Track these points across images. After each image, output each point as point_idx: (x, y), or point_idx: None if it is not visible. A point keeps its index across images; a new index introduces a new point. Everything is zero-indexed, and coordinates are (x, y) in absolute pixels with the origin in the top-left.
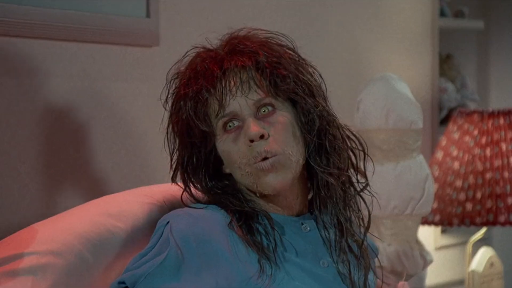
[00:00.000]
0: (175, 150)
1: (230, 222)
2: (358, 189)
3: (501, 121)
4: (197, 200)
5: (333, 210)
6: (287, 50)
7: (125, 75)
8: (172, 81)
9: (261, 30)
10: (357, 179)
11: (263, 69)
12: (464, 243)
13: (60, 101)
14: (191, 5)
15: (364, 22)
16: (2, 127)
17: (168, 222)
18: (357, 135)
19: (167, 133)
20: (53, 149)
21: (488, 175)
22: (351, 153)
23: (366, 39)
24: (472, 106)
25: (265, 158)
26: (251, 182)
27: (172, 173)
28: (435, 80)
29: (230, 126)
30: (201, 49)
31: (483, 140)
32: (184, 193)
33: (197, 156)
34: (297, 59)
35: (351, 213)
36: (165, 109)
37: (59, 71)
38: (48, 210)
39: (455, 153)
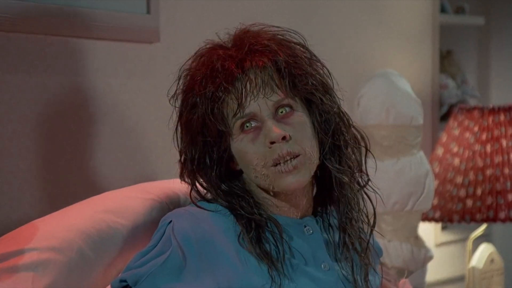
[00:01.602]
0: (183, 148)
1: (240, 236)
2: (362, 184)
3: (502, 117)
4: (205, 199)
5: (345, 208)
6: (300, 48)
7: (126, 71)
8: (181, 78)
9: (272, 26)
10: (360, 175)
11: (283, 70)
12: (464, 240)
13: (61, 98)
14: (192, 1)
15: (365, 18)
16: (3, 124)
17: (170, 221)
18: (360, 130)
19: (176, 129)
20: (54, 146)
21: (488, 172)
22: (356, 150)
23: (367, 35)
24: (472, 102)
25: (286, 160)
26: (266, 183)
27: (180, 171)
28: (436, 76)
29: (247, 126)
30: (213, 45)
31: (484, 136)
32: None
33: (210, 155)
34: (309, 56)
35: (358, 210)
36: (173, 105)
37: (59, 67)
38: (48, 207)
39: (455, 149)
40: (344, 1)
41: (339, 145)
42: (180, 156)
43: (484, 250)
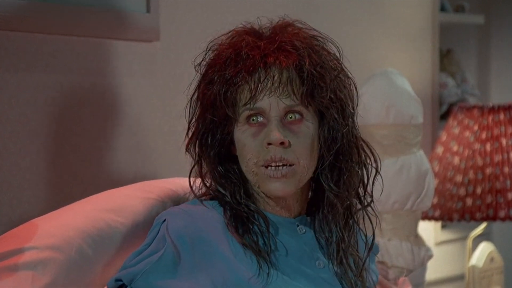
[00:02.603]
0: (194, 119)
1: (227, 224)
2: (364, 203)
3: (501, 116)
4: (204, 184)
5: (333, 227)
6: (332, 58)
7: (125, 70)
8: (209, 50)
9: (314, 29)
10: (364, 195)
11: (305, 76)
12: (464, 238)
13: (60, 96)
14: (191, 0)
15: (365, 17)
16: (2, 123)
17: (164, 220)
18: (374, 152)
19: (191, 98)
20: (53, 145)
21: (488, 170)
22: (363, 169)
23: (367, 34)
24: (472, 101)
25: (277, 166)
26: (254, 180)
27: (187, 144)
28: (436, 75)
29: (253, 120)
30: (248, 29)
31: (483, 135)
32: (191, 175)
33: (213, 134)
34: (339, 69)
35: (354, 228)
36: (197, 71)
37: (58, 66)
38: (48, 205)
39: (455, 148)
40: (343, 0)
41: (339, 166)
42: (189, 128)
43: (484, 249)
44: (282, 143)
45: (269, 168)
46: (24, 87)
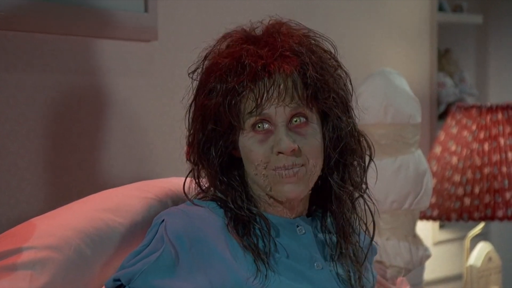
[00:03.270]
0: (193, 128)
1: (228, 225)
2: (362, 191)
3: (499, 115)
4: (201, 189)
5: (341, 222)
6: (329, 56)
7: (124, 69)
8: (205, 60)
9: (305, 28)
10: (362, 186)
11: (308, 81)
12: (462, 238)
13: (59, 96)
14: (190, 0)
15: (363, 17)
16: (1, 122)
17: (163, 220)
18: (368, 140)
19: (189, 107)
20: (52, 144)
21: (486, 170)
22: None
23: (365, 34)
24: (470, 100)
25: (288, 167)
26: (265, 184)
27: (187, 152)
28: (434, 75)
29: (259, 127)
30: (244, 36)
31: (481, 134)
32: (186, 181)
33: (216, 144)
34: (336, 65)
35: (355, 220)
36: (192, 79)
37: (57, 65)
38: (47, 205)
39: (453, 147)
40: (342, 0)
41: (344, 162)
42: (189, 136)
43: (482, 249)
44: (293, 151)
45: (279, 169)
46: (23, 86)
